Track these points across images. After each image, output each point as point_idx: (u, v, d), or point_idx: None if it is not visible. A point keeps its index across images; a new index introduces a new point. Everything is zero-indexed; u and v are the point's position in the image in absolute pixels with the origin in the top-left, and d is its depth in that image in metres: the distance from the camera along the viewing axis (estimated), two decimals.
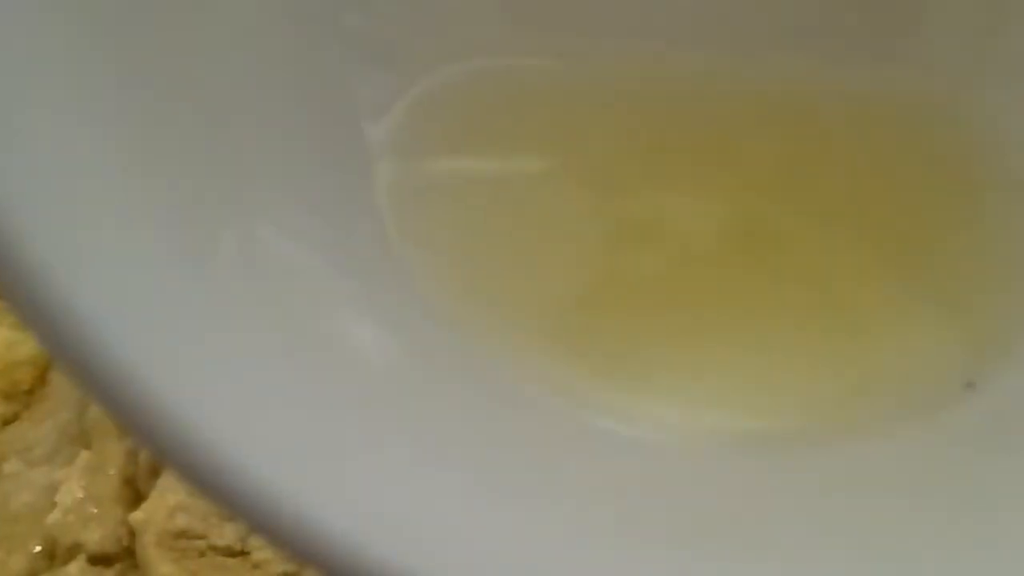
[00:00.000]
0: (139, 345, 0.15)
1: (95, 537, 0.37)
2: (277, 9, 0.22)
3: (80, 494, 0.37)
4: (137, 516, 0.36)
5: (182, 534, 0.36)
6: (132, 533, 0.37)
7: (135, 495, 0.37)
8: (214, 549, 0.36)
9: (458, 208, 0.25)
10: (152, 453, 0.16)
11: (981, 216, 0.24)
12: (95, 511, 0.37)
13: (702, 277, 0.24)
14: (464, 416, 0.20)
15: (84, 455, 0.37)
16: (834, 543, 0.19)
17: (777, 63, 0.25)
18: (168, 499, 0.36)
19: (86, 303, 0.15)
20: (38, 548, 0.37)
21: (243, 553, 0.36)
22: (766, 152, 0.25)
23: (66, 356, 0.15)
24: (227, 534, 0.36)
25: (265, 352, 0.18)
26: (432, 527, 0.17)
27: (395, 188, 0.24)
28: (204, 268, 0.18)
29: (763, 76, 0.25)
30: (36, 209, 0.15)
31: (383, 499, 0.17)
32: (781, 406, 0.23)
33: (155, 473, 0.37)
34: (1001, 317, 0.23)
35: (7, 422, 0.42)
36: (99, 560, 0.36)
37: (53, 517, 0.37)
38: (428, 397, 0.20)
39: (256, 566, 0.35)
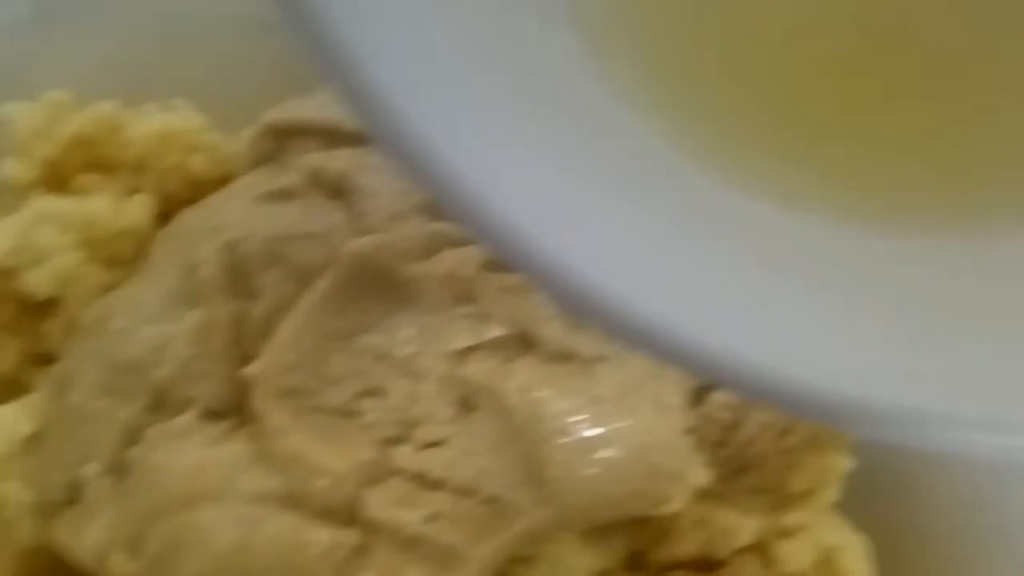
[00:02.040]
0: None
1: (204, 392, 0.37)
2: None
3: (190, 351, 0.38)
4: (252, 370, 0.36)
5: (294, 391, 0.36)
6: (240, 391, 0.38)
7: (243, 355, 0.38)
8: (324, 409, 0.36)
9: None
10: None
11: None
12: (204, 368, 0.38)
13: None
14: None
15: (194, 314, 0.38)
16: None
17: None
18: (282, 357, 0.36)
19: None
20: (146, 401, 0.38)
21: (353, 414, 0.36)
22: None
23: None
24: (336, 395, 0.37)
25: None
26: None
27: None
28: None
29: None
30: None
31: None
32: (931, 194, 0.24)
33: (264, 334, 0.38)
34: None
35: (109, 289, 0.42)
36: (207, 415, 0.37)
37: (163, 372, 0.38)
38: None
39: (364, 428, 0.36)
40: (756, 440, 0.41)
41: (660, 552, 0.41)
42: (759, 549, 0.42)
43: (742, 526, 0.41)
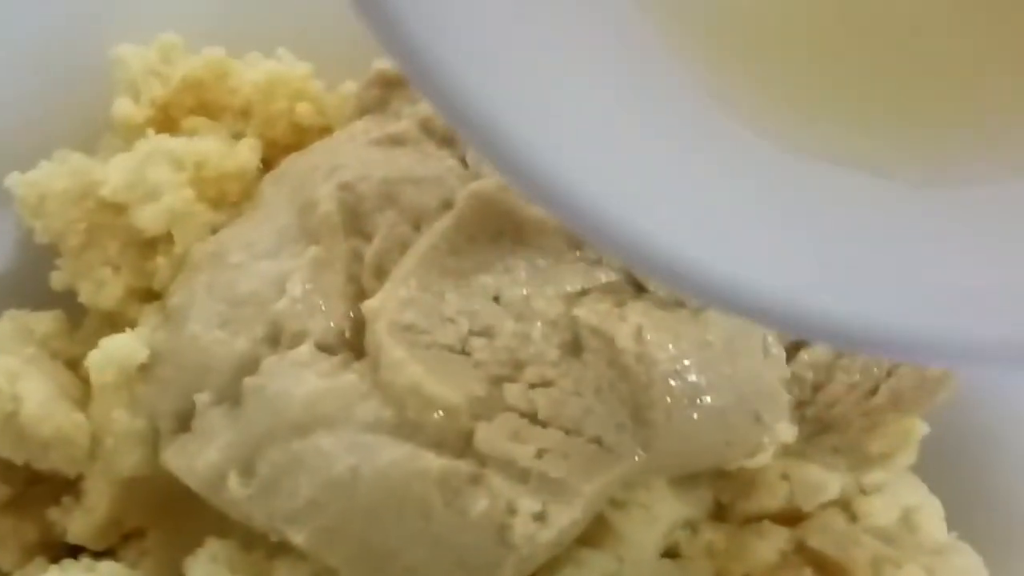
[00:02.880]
0: None
1: (319, 326, 0.38)
2: None
3: (308, 285, 0.39)
4: (371, 304, 0.37)
5: (409, 327, 0.37)
6: (355, 325, 0.39)
7: (358, 291, 0.39)
8: (438, 344, 0.38)
9: None
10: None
11: None
12: (320, 303, 0.39)
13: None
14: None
15: (312, 250, 0.39)
16: None
17: None
18: (399, 293, 0.38)
19: None
20: (264, 333, 0.39)
21: (466, 351, 0.38)
22: None
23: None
24: (450, 332, 0.38)
25: None
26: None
27: None
28: None
29: None
30: None
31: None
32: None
33: (379, 271, 0.39)
34: None
35: (215, 229, 0.43)
36: (323, 347, 0.38)
37: (280, 305, 0.39)
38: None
39: (477, 365, 0.37)
40: (840, 401, 0.42)
41: (746, 503, 0.42)
42: (843, 504, 0.43)
43: (827, 481, 0.42)
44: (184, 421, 0.40)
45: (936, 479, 0.45)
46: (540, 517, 0.35)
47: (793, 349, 0.42)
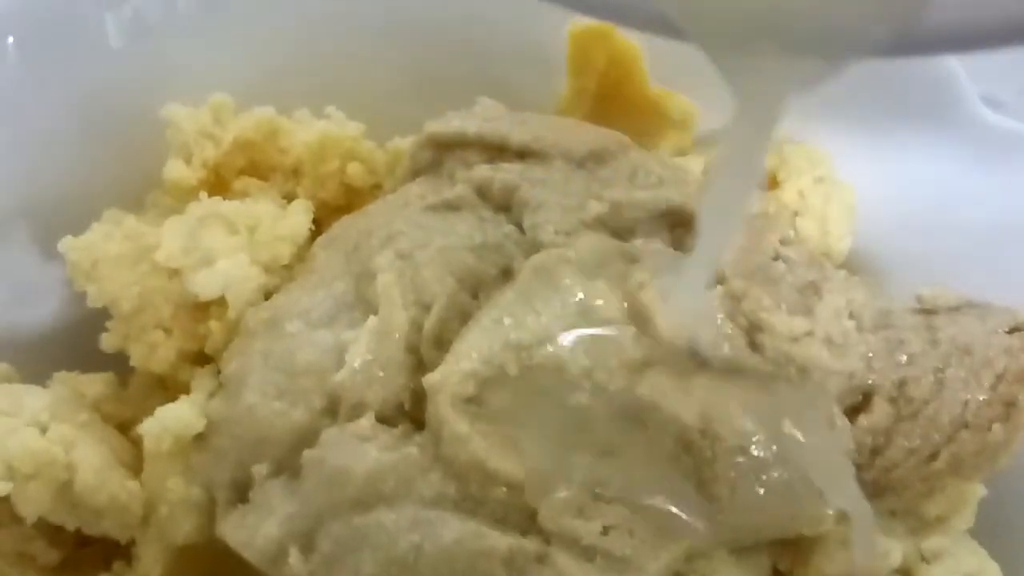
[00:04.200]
0: None
1: (379, 397, 0.38)
2: None
3: (367, 356, 0.38)
4: (433, 377, 0.37)
5: (472, 400, 0.37)
6: (416, 397, 0.38)
7: (418, 362, 0.39)
8: (500, 418, 0.37)
9: None
10: None
11: None
12: (380, 373, 0.38)
13: None
14: None
15: (371, 320, 0.39)
16: None
17: None
18: (463, 366, 0.37)
19: None
20: (322, 404, 0.38)
21: (530, 425, 0.37)
22: None
23: None
24: (512, 403, 0.37)
25: None
26: None
27: None
28: None
29: None
30: None
31: None
32: None
33: (439, 341, 0.39)
34: None
35: (268, 292, 0.43)
36: (382, 419, 0.38)
37: (339, 376, 0.38)
38: None
39: (542, 437, 0.37)
40: (899, 465, 0.42)
41: (807, 570, 0.42)
42: (904, 572, 0.42)
43: (889, 549, 0.42)
44: (241, 492, 0.39)
45: (995, 544, 0.45)
46: None
47: (852, 413, 0.41)
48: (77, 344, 0.46)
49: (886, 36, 0.24)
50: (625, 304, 0.38)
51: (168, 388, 0.44)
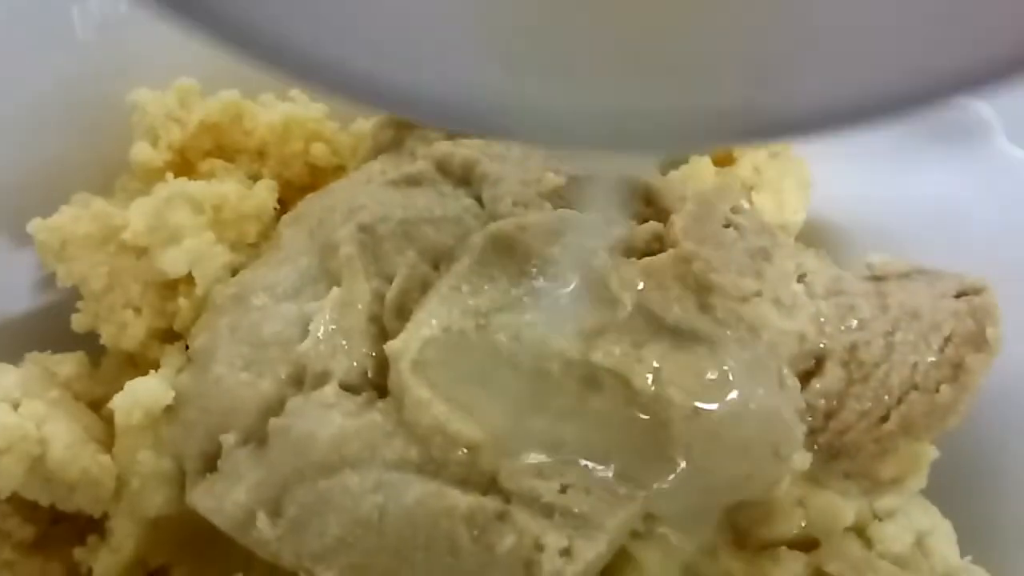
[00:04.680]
0: None
1: (342, 366, 0.39)
2: None
3: (330, 326, 0.39)
4: (394, 344, 0.38)
5: (432, 365, 0.38)
6: (378, 364, 0.39)
7: (380, 331, 0.40)
8: (461, 381, 0.38)
9: None
10: None
11: None
12: (343, 343, 0.39)
13: None
14: None
15: (334, 292, 0.40)
16: None
17: None
18: (422, 332, 0.38)
19: None
20: (288, 374, 0.39)
21: (489, 388, 0.38)
22: None
23: None
24: (472, 369, 0.38)
25: None
26: None
27: None
28: None
29: None
30: None
31: None
32: None
33: (400, 311, 0.40)
34: None
35: (234, 270, 0.44)
36: (346, 387, 0.39)
37: (304, 346, 0.39)
38: None
39: (500, 401, 0.38)
40: (852, 428, 0.43)
41: (763, 531, 0.43)
42: (858, 530, 0.43)
43: (843, 508, 0.43)
44: (210, 461, 0.40)
45: (947, 503, 0.46)
46: (566, 552, 0.36)
47: (805, 377, 0.42)
48: (49, 326, 0.47)
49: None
50: (579, 271, 0.39)
51: (138, 366, 0.44)
